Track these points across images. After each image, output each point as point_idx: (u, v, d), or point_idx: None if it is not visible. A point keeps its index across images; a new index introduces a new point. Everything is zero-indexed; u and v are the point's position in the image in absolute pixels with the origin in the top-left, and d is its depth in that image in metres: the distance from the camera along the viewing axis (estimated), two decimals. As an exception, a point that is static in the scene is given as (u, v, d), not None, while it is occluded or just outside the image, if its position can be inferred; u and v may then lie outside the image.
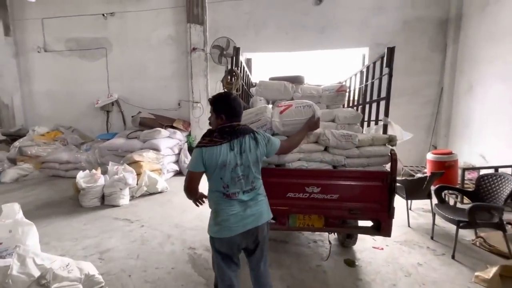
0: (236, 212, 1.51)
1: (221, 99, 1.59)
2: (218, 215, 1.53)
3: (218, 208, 1.54)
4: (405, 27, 5.78)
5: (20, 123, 7.67)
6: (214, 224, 1.54)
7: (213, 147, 1.46)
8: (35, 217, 3.70)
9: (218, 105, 1.58)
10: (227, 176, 1.48)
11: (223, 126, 1.52)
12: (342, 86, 3.32)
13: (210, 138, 1.48)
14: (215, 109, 1.59)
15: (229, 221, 1.50)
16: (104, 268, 2.56)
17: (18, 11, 7.35)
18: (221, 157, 1.45)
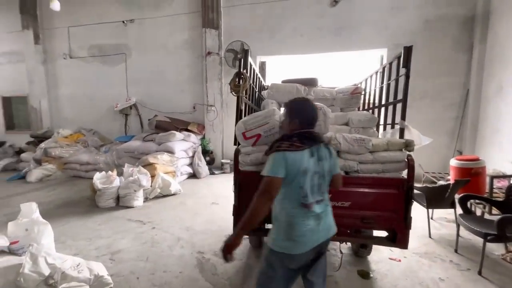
0: (312, 227, 1.39)
1: (299, 104, 1.53)
2: (293, 228, 1.38)
3: (294, 221, 1.39)
4: (426, 27, 5.52)
5: (46, 125, 8.12)
6: (287, 239, 1.39)
7: (296, 152, 1.36)
8: (54, 216, 3.88)
9: (294, 109, 1.51)
10: (307, 184, 1.38)
11: (302, 132, 1.44)
12: (357, 88, 3.20)
13: (290, 142, 1.38)
14: (291, 113, 1.51)
15: (305, 236, 1.38)
16: (114, 269, 2.59)
17: (47, 21, 7.82)
18: (303, 163, 1.36)
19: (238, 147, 2.17)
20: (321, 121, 1.95)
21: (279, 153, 1.36)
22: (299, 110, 1.49)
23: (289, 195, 1.40)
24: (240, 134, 2.08)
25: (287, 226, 1.39)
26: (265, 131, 2.01)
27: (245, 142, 2.10)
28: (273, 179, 1.34)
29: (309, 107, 1.50)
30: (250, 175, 2.08)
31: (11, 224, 2.30)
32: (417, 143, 2.02)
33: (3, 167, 6.65)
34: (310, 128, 1.48)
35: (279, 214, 1.43)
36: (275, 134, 2.05)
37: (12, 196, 4.86)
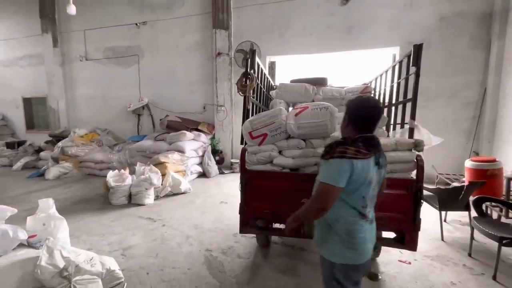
0: (368, 235, 1.35)
1: (361, 104, 1.39)
2: (353, 237, 1.32)
3: (353, 229, 1.32)
4: (442, 24, 5.35)
5: (64, 125, 8.44)
6: (348, 248, 1.32)
7: (363, 160, 1.25)
8: (70, 212, 4.03)
9: (356, 110, 1.37)
10: (369, 194, 1.32)
11: (367, 137, 1.31)
12: (367, 88, 3.16)
13: (357, 148, 1.25)
14: (352, 114, 1.38)
15: (364, 244, 1.34)
16: (125, 264, 2.67)
17: (64, 25, 8.13)
18: (369, 173, 1.27)
19: (245, 147, 2.19)
20: (328, 120, 1.94)
21: (345, 160, 1.23)
22: (361, 111, 1.35)
23: (349, 204, 1.32)
24: (246, 134, 2.10)
25: (346, 235, 1.32)
26: (271, 131, 2.03)
27: (251, 142, 2.12)
28: (333, 188, 1.24)
29: (373, 108, 1.36)
30: (256, 174, 2.10)
31: (30, 219, 2.42)
32: (427, 143, 1.97)
33: (24, 165, 6.96)
34: (372, 131, 1.35)
35: (336, 223, 1.35)
36: (281, 134, 2.06)
37: (31, 193, 5.08)
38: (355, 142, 1.28)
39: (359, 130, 1.33)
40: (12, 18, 8.71)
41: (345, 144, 1.28)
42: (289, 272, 2.54)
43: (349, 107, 1.42)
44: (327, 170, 1.27)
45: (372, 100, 1.46)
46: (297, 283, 2.37)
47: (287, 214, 1.73)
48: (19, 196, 4.88)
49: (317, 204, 1.28)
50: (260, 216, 2.19)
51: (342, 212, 1.33)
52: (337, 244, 1.35)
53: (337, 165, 1.24)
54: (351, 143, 1.28)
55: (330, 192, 1.25)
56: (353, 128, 1.36)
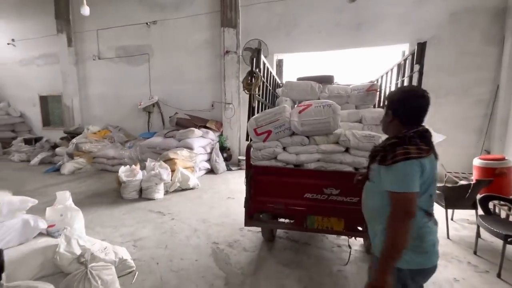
0: (437, 237, 1.27)
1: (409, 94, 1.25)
2: (423, 240, 1.22)
3: (423, 232, 1.23)
4: (452, 20, 5.26)
5: (78, 122, 8.73)
6: (418, 252, 1.22)
7: (428, 158, 1.15)
8: (85, 205, 4.21)
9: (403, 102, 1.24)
10: (434, 192, 1.24)
11: (421, 131, 1.21)
12: (373, 85, 3.17)
13: (417, 146, 1.14)
14: (397, 107, 1.24)
15: (435, 245, 1.26)
16: (137, 255, 2.80)
17: (78, 25, 8.38)
18: (434, 169, 1.18)
19: (250, 143, 2.27)
20: (330, 118, 1.99)
21: (412, 161, 1.11)
22: (408, 103, 1.22)
23: (419, 206, 1.20)
24: (251, 130, 2.18)
25: (416, 239, 1.22)
26: (276, 128, 2.09)
27: (256, 138, 2.19)
28: (410, 196, 1.12)
29: (420, 97, 1.23)
30: (261, 169, 2.17)
31: (49, 210, 2.57)
32: (429, 140, 1.98)
33: (41, 160, 7.26)
34: (421, 124, 1.25)
35: None
36: (285, 131, 2.12)
37: (48, 186, 5.33)
38: (412, 139, 1.16)
39: (406, 124, 1.22)
40: (29, 19, 9.03)
41: (403, 144, 1.15)
42: (293, 265, 2.61)
43: (393, 100, 1.28)
44: (395, 177, 1.13)
45: (418, 89, 1.31)
46: (300, 276, 2.44)
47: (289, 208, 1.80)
48: (37, 190, 5.12)
49: (403, 219, 1.12)
50: (265, 210, 2.27)
51: None
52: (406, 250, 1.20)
53: (405, 169, 1.12)
54: (409, 142, 1.15)
55: (409, 200, 1.12)
56: (400, 122, 1.23)
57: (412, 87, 1.36)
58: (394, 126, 1.26)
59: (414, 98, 1.23)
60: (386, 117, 1.31)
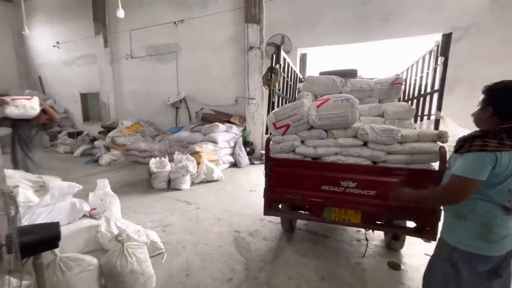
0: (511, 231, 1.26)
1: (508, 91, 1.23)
2: (490, 230, 1.25)
3: (493, 223, 1.24)
4: (493, 6, 4.86)
5: (113, 117, 9.42)
6: (479, 239, 1.26)
7: (509, 152, 1.15)
8: (119, 193, 4.52)
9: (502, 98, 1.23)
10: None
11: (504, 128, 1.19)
12: (398, 79, 3.09)
13: (499, 141, 1.15)
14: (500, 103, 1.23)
15: (504, 239, 1.26)
16: (165, 238, 3.05)
17: (113, 26, 8.98)
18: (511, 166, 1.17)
19: (269, 136, 2.37)
20: (349, 112, 2.02)
21: (485, 153, 1.15)
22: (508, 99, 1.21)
23: (491, 197, 1.23)
24: (271, 124, 2.27)
25: (482, 227, 1.25)
26: (294, 121, 2.17)
27: (275, 132, 2.28)
28: (470, 181, 1.17)
29: None
30: (279, 162, 2.27)
31: (91, 195, 2.90)
32: (451, 134, 1.94)
33: (82, 152, 7.99)
34: None
35: (470, 213, 1.28)
36: (303, 124, 2.18)
37: (89, 176, 5.88)
38: (497, 134, 1.17)
39: (504, 121, 1.21)
40: (71, 23, 9.86)
41: (484, 137, 1.18)
42: (311, 256, 2.69)
43: (496, 96, 1.25)
44: (462, 163, 1.20)
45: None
46: (317, 265, 2.52)
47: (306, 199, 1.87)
48: (80, 178, 5.67)
49: (449, 196, 1.23)
50: (283, 200, 2.37)
51: (480, 206, 1.25)
52: (467, 234, 1.28)
53: (474, 158, 1.17)
54: (492, 136, 1.17)
55: (466, 185, 1.18)
56: (499, 118, 1.23)
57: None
58: (492, 121, 1.25)
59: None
60: (483, 112, 1.28)
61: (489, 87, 1.28)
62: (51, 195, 2.49)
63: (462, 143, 1.23)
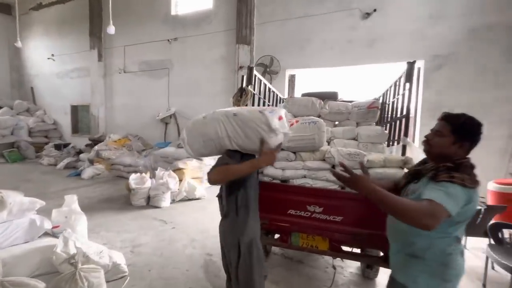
0: (463, 266, 1.24)
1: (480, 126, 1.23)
2: (448, 267, 1.19)
3: (450, 259, 1.20)
4: (471, 36, 5.06)
5: (102, 130, 9.34)
6: (443, 281, 1.20)
7: (476, 189, 1.16)
8: (95, 209, 4.46)
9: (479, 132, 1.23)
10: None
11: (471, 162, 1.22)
12: (374, 103, 3.12)
13: (473, 178, 1.15)
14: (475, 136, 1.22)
15: (461, 274, 1.22)
16: (132, 260, 2.90)
17: (108, 41, 9.14)
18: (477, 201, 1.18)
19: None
20: (315, 135, 2.00)
21: (467, 189, 1.11)
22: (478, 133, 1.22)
23: (450, 233, 1.19)
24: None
25: (439, 265, 1.20)
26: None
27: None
28: (444, 213, 1.08)
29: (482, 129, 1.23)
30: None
31: (55, 212, 2.77)
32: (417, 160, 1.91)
33: (66, 165, 7.81)
34: None
35: (427, 252, 1.21)
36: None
37: (68, 189, 5.70)
38: (468, 168, 1.16)
39: (469, 152, 1.24)
40: (67, 36, 10.02)
41: (458, 170, 1.15)
42: (282, 283, 2.56)
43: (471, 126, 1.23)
44: (441, 191, 1.11)
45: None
46: (286, 295, 2.39)
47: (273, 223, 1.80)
48: (58, 192, 5.49)
49: (427, 220, 1.05)
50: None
51: (438, 243, 1.19)
52: (424, 273, 1.21)
53: (455, 190, 1.10)
54: (471, 170, 1.16)
55: (441, 214, 1.08)
56: (468, 151, 1.24)
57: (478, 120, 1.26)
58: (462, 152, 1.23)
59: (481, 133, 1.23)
60: (451, 140, 1.23)
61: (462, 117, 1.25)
62: (8, 211, 2.38)
63: (435, 171, 1.19)
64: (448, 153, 1.23)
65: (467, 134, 1.22)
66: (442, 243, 1.19)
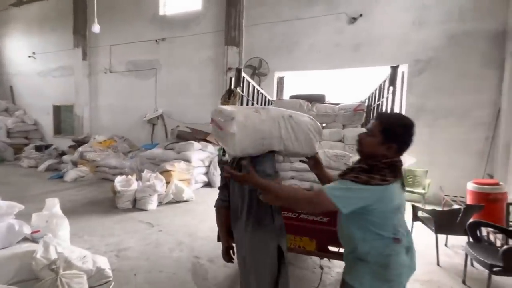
0: (408, 263, 1.25)
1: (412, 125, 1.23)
2: (387, 268, 1.21)
3: (388, 261, 1.21)
4: (451, 42, 5.28)
5: (86, 131, 9.08)
6: (381, 280, 1.22)
7: (387, 186, 1.15)
8: (78, 212, 4.33)
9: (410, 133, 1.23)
10: (399, 219, 1.25)
11: (395, 161, 1.21)
12: (360, 105, 3.20)
13: (383, 177, 1.15)
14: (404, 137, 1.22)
15: (402, 274, 1.24)
16: (117, 265, 2.83)
17: (93, 40, 8.91)
18: (396, 199, 1.19)
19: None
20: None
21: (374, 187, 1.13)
22: (410, 133, 1.22)
23: (381, 233, 1.21)
24: (228, 146, 2.23)
25: (380, 268, 1.22)
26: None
27: (233, 154, 2.24)
28: (329, 203, 1.14)
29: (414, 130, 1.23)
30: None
31: (35, 216, 2.66)
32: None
33: (47, 167, 7.53)
34: None
35: (368, 255, 1.23)
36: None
37: (49, 193, 5.49)
38: (381, 170, 1.16)
39: (394, 155, 1.22)
40: (50, 34, 9.70)
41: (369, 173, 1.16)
42: (269, 285, 2.56)
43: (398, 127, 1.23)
44: (338, 187, 1.17)
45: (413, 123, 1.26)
46: (274, 296, 2.39)
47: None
48: (39, 195, 5.28)
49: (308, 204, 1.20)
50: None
51: (376, 244, 1.22)
52: (367, 275, 1.23)
53: (350, 186, 1.15)
54: (377, 172, 1.16)
55: (325, 203, 1.15)
56: (398, 151, 1.23)
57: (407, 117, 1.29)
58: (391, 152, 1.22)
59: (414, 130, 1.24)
60: (379, 140, 1.23)
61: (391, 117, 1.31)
62: (-16, 216, 2.27)
63: (348, 171, 1.22)
64: (377, 153, 1.22)
65: (393, 135, 1.21)
66: (380, 246, 1.21)
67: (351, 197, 1.14)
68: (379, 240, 1.21)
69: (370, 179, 1.13)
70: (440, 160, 5.32)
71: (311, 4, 6.30)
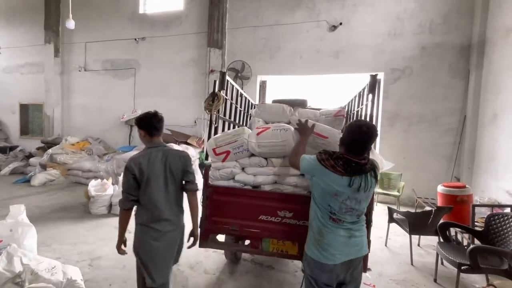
0: (343, 240, 1.47)
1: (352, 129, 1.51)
2: (323, 236, 1.49)
3: (323, 230, 1.49)
4: (423, 53, 5.62)
5: (57, 132, 8.54)
6: (317, 244, 1.50)
7: (334, 173, 1.44)
8: (48, 219, 4.05)
9: (346, 133, 1.52)
10: (336, 205, 1.47)
11: (350, 160, 1.44)
12: (340, 111, 3.29)
13: (335, 164, 1.45)
14: (343, 136, 1.54)
15: (335, 246, 1.46)
16: (90, 275, 2.67)
17: (67, 36, 8.44)
18: (335, 187, 1.44)
19: (209, 162, 2.28)
20: (286, 141, 2.04)
21: (317, 161, 1.50)
22: (351, 134, 1.48)
23: (320, 207, 1.52)
24: (210, 150, 2.20)
25: (318, 233, 1.51)
26: (234, 148, 2.13)
27: (215, 158, 2.21)
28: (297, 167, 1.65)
29: (360, 133, 1.45)
30: (218, 189, 2.17)
31: (-3, 224, 2.45)
32: (379, 167, 2.06)
33: (12, 170, 7.00)
34: (362, 156, 1.47)
35: (313, 221, 1.57)
36: (244, 152, 2.15)
37: (14, 198, 5.09)
38: (337, 159, 1.47)
39: (348, 151, 1.48)
40: (18, 28, 9.06)
41: (329, 156, 1.50)
42: (251, 290, 2.55)
43: (344, 130, 1.60)
44: (308, 157, 1.61)
45: (364, 125, 1.49)
46: (256, 301, 2.38)
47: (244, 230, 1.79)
48: (2, 201, 4.89)
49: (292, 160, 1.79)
50: (220, 231, 2.24)
51: (317, 213, 1.53)
52: (310, 240, 1.56)
53: (311, 160, 1.56)
54: (335, 158, 1.48)
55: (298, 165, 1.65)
56: (345, 148, 1.51)
57: (360, 123, 1.55)
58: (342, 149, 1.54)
59: (355, 133, 1.48)
60: (340, 140, 1.62)
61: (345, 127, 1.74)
62: None
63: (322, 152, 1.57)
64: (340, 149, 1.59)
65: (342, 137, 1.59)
66: (319, 215, 1.53)
67: (307, 163, 1.58)
68: (319, 210, 1.52)
69: (324, 159, 1.50)
70: (413, 164, 5.61)
71: (293, 10, 6.43)
